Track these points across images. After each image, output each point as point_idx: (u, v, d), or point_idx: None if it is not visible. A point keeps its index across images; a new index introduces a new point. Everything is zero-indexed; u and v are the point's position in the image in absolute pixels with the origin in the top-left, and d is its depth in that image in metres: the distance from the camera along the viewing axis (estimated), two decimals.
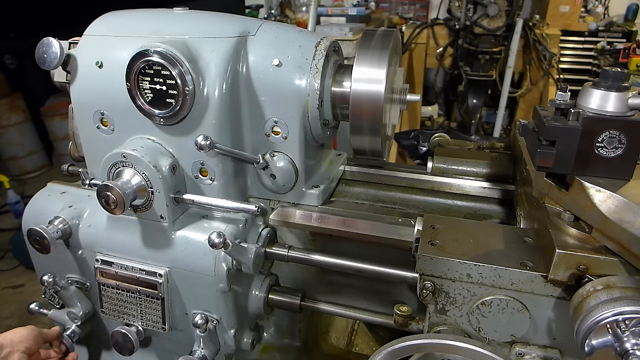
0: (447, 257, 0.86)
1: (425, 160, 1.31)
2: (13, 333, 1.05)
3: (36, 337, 1.08)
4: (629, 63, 3.09)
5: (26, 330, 1.07)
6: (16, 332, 1.06)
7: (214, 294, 1.04)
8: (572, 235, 0.81)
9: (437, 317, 0.92)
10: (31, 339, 1.06)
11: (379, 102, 1.00)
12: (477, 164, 1.27)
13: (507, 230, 0.96)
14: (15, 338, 1.04)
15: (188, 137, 1.01)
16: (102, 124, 1.05)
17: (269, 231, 1.14)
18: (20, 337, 1.05)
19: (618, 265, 0.75)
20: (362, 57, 1.01)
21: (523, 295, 0.84)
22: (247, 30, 1.02)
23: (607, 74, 0.77)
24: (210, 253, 1.00)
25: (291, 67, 1.00)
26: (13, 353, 1.01)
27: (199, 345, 1.07)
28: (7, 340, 1.03)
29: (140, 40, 0.97)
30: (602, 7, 4.29)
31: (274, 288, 1.22)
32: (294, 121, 1.03)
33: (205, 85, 0.96)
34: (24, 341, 1.04)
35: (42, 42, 0.99)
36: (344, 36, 3.10)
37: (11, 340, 1.03)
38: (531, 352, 0.88)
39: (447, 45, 4.19)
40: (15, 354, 1.01)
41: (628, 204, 0.72)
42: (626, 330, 0.68)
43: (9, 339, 1.03)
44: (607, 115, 0.76)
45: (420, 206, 1.24)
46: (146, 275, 1.05)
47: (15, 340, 1.04)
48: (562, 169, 0.81)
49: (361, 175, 1.34)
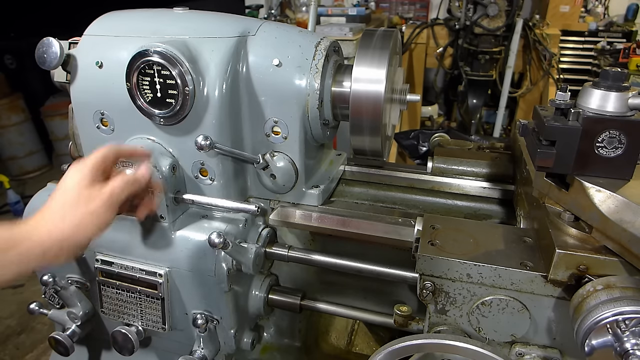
0: (447, 257, 0.86)
1: (425, 160, 1.31)
2: None
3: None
4: (629, 63, 3.09)
5: None
6: None
7: (214, 294, 1.04)
8: (572, 235, 0.81)
9: (437, 317, 0.92)
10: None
11: (379, 102, 1.00)
12: (477, 164, 1.27)
13: (507, 230, 0.96)
14: None
15: (188, 137, 1.01)
16: (102, 124, 1.05)
17: (269, 231, 1.14)
18: None
19: (618, 265, 0.75)
20: (362, 57, 1.01)
21: (523, 295, 0.84)
22: (247, 30, 1.02)
23: (607, 74, 0.77)
24: (210, 253, 1.00)
25: (291, 67, 1.00)
26: None
27: (199, 345, 1.07)
28: None
29: (140, 40, 0.97)
30: (602, 7, 4.28)
31: (274, 288, 1.22)
32: (294, 121, 1.03)
33: (205, 85, 0.96)
34: None
35: (42, 42, 0.99)
36: (344, 36, 3.10)
37: None
38: (531, 352, 0.88)
39: (447, 45, 4.18)
40: None
41: (628, 204, 0.72)
42: (626, 330, 0.68)
43: None
44: (607, 115, 0.76)
45: (420, 206, 1.24)
46: (146, 275, 1.05)
47: None
48: (562, 169, 0.81)
49: (361, 175, 1.34)
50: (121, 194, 0.84)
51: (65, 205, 0.78)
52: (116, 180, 0.84)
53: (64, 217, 0.76)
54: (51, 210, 0.78)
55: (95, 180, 0.82)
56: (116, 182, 0.84)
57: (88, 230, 0.78)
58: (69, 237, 0.76)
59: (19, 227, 0.75)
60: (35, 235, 0.74)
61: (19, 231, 0.74)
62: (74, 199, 0.78)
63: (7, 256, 0.70)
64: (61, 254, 0.76)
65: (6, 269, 0.71)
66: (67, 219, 0.76)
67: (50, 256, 0.75)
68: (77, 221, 0.77)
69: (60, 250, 0.76)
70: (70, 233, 0.76)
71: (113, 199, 0.82)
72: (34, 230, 0.75)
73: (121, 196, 0.84)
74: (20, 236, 0.74)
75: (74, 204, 0.78)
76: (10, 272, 0.71)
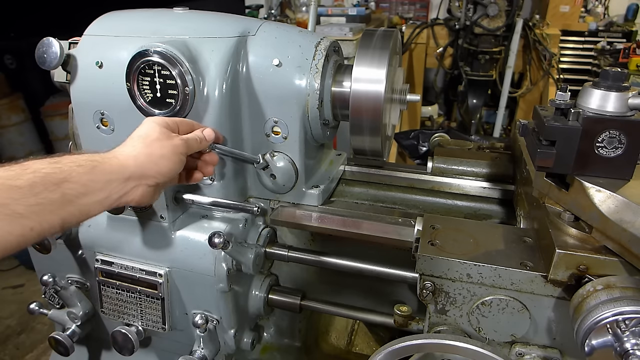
0: (447, 257, 0.86)
1: (425, 160, 1.31)
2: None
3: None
4: (629, 63, 3.09)
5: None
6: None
7: (214, 294, 1.04)
8: (572, 235, 0.81)
9: (437, 317, 0.92)
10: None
11: (379, 102, 1.00)
12: (477, 164, 1.27)
13: (507, 230, 0.96)
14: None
15: None
16: (102, 124, 1.05)
17: (269, 231, 1.14)
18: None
19: (618, 265, 0.75)
20: (362, 57, 1.01)
21: (523, 295, 0.84)
22: (247, 30, 1.02)
23: (607, 74, 0.77)
24: (210, 253, 1.00)
25: (291, 67, 1.00)
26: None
27: (199, 345, 1.07)
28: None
29: (140, 40, 0.97)
30: (602, 7, 4.28)
31: (274, 288, 1.22)
32: (294, 121, 1.03)
33: (205, 85, 0.96)
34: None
35: (42, 42, 0.99)
36: (344, 36, 3.10)
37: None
38: (531, 352, 0.88)
39: (447, 45, 4.18)
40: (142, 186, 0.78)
41: (628, 204, 0.72)
42: (626, 330, 0.68)
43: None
44: (607, 115, 0.76)
45: (420, 206, 1.24)
46: (146, 275, 1.05)
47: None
48: (562, 169, 0.81)
49: (361, 175, 1.34)
50: (193, 145, 0.85)
51: (147, 137, 0.78)
52: (189, 134, 0.87)
53: (148, 146, 0.76)
54: (133, 140, 0.77)
55: (170, 129, 0.83)
56: (190, 134, 0.86)
57: (170, 162, 0.78)
58: (152, 164, 0.76)
59: (101, 153, 0.74)
60: (121, 156, 0.74)
61: (104, 154, 0.73)
62: (156, 133, 0.79)
63: (93, 174, 0.68)
64: (142, 182, 0.75)
65: (91, 191, 0.68)
66: (151, 147, 0.77)
67: (132, 183, 0.74)
68: (161, 151, 0.77)
69: (141, 177, 0.75)
70: (154, 159, 0.76)
71: (188, 144, 0.83)
72: (120, 154, 0.74)
73: (193, 147, 0.85)
74: (106, 156, 0.72)
75: (156, 138, 0.78)
76: (95, 198, 0.69)
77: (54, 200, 0.63)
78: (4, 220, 0.58)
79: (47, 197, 0.62)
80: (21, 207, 0.59)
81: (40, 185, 0.62)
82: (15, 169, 0.62)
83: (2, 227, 0.58)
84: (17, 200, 0.59)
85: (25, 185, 0.61)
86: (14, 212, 0.59)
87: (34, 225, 0.61)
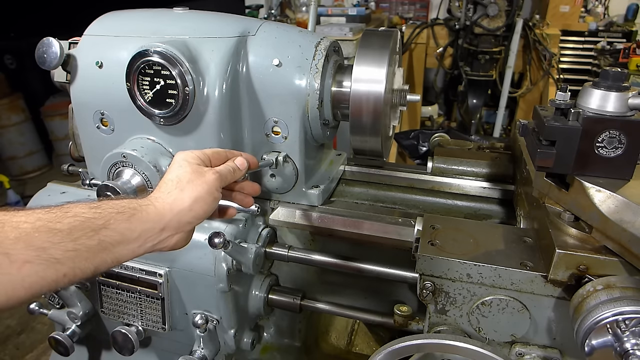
0: (447, 257, 0.86)
1: (425, 160, 1.31)
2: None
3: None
4: (629, 63, 3.09)
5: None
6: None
7: (214, 294, 1.04)
8: (572, 235, 0.81)
9: (437, 317, 0.92)
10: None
11: (379, 102, 1.00)
12: (477, 164, 1.27)
13: (507, 230, 0.96)
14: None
15: (188, 137, 1.01)
16: (102, 124, 1.05)
17: (269, 231, 1.14)
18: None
19: (618, 265, 0.75)
20: (362, 57, 1.01)
21: (523, 295, 0.84)
22: (247, 30, 1.02)
23: (607, 74, 0.77)
24: (210, 253, 1.00)
25: (291, 67, 1.00)
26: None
27: (199, 345, 1.06)
28: None
29: (140, 40, 0.97)
30: (602, 7, 4.28)
31: (274, 288, 1.22)
32: (294, 121, 1.03)
33: (205, 85, 0.96)
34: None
35: (42, 42, 0.99)
36: (344, 36, 3.10)
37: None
38: (531, 352, 0.88)
39: (447, 45, 4.18)
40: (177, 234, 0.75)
41: (628, 204, 0.72)
42: (626, 330, 0.68)
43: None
44: (607, 115, 0.76)
45: (420, 206, 1.24)
46: (146, 275, 1.05)
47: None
48: (562, 169, 0.81)
49: (361, 175, 1.34)
50: (227, 177, 0.82)
51: (181, 180, 0.75)
52: (222, 165, 0.83)
53: (183, 190, 0.74)
54: (167, 185, 0.75)
55: (202, 163, 0.81)
56: (222, 166, 0.83)
57: (205, 204, 0.76)
58: (188, 210, 0.73)
59: (139, 199, 0.72)
60: (158, 203, 0.72)
61: (142, 200, 0.71)
62: (189, 173, 0.76)
63: (130, 222, 0.67)
64: (179, 230, 0.73)
65: (127, 239, 0.67)
66: (185, 191, 0.74)
67: (167, 233, 0.72)
68: (195, 194, 0.75)
69: (178, 225, 0.73)
70: (189, 205, 0.74)
71: (222, 177, 0.80)
72: (156, 201, 0.72)
73: (227, 179, 0.82)
74: (143, 203, 0.71)
75: (189, 179, 0.76)
76: (130, 246, 0.67)
77: (90, 247, 0.62)
78: (41, 265, 0.56)
79: (84, 243, 0.61)
80: (59, 252, 0.58)
81: (79, 230, 0.61)
82: (56, 211, 0.61)
83: (38, 272, 0.56)
84: (55, 244, 0.58)
85: (65, 229, 0.60)
86: (51, 257, 0.57)
87: (67, 272, 0.60)
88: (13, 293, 0.55)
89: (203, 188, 0.76)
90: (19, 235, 0.56)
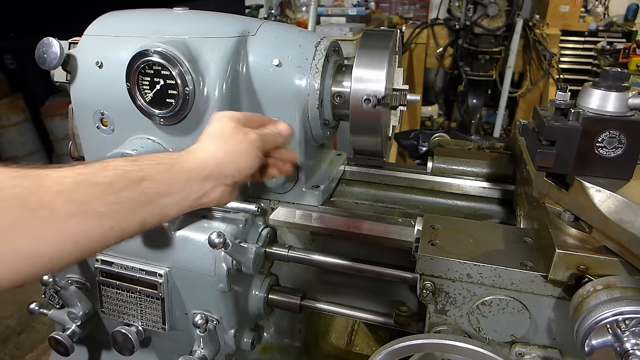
0: (447, 257, 0.86)
1: (425, 160, 1.31)
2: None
3: None
4: (629, 63, 3.09)
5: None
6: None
7: (214, 294, 1.04)
8: (572, 235, 0.81)
9: (437, 317, 0.92)
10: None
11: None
12: (477, 164, 1.27)
13: (507, 230, 0.96)
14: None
15: (188, 137, 1.01)
16: (102, 124, 1.05)
17: (269, 231, 1.14)
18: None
19: (618, 265, 0.75)
20: (362, 57, 1.01)
21: (523, 295, 0.84)
22: (247, 30, 1.02)
23: (607, 74, 0.77)
24: (210, 253, 1.00)
25: (291, 67, 1.00)
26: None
27: (199, 345, 1.06)
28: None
29: (140, 40, 0.97)
30: (602, 7, 4.28)
31: (274, 288, 1.22)
32: (294, 121, 1.03)
33: (205, 85, 0.96)
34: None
35: (42, 42, 0.99)
36: (344, 36, 3.11)
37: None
38: (531, 352, 0.88)
39: (447, 45, 4.18)
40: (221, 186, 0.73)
41: (628, 204, 0.72)
42: (626, 330, 0.68)
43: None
44: (607, 115, 0.76)
45: (420, 206, 1.24)
46: (146, 275, 1.05)
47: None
48: (562, 169, 0.81)
49: (361, 175, 1.34)
50: (269, 140, 0.80)
51: (224, 132, 0.73)
52: (264, 128, 0.81)
53: (226, 142, 0.72)
54: (209, 137, 0.73)
55: (241, 123, 0.78)
56: (264, 128, 0.81)
57: (247, 159, 0.73)
58: (231, 163, 0.71)
59: (179, 152, 0.70)
60: (200, 153, 0.70)
61: (182, 152, 0.69)
62: (230, 129, 0.74)
63: (173, 172, 0.65)
64: (221, 182, 0.71)
65: (171, 190, 0.64)
66: (228, 143, 0.72)
67: (210, 183, 0.70)
68: (239, 147, 0.72)
69: (220, 176, 0.70)
70: (233, 156, 0.71)
71: (264, 139, 0.78)
72: (198, 151, 0.70)
73: (269, 142, 0.80)
74: (184, 154, 0.69)
75: (231, 132, 0.74)
76: (174, 198, 0.65)
77: (133, 199, 0.60)
78: (84, 219, 0.55)
79: (126, 195, 0.59)
80: (101, 206, 0.56)
81: (120, 182, 0.59)
82: (96, 166, 0.60)
83: (82, 225, 0.55)
84: (97, 197, 0.56)
85: (106, 182, 0.58)
86: (94, 210, 0.56)
87: (113, 225, 0.58)
88: (61, 246, 0.54)
89: (246, 144, 0.74)
90: (60, 190, 0.55)
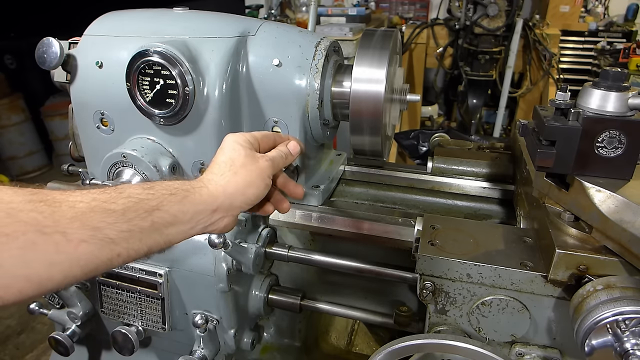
0: (447, 257, 0.86)
1: (425, 160, 1.31)
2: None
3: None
4: (629, 63, 3.09)
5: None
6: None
7: (214, 294, 1.04)
8: (572, 235, 0.81)
9: (437, 317, 0.92)
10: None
11: (379, 102, 1.00)
12: (477, 164, 1.27)
13: (507, 230, 0.96)
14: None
15: (188, 137, 1.01)
16: (102, 124, 1.05)
17: (269, 231, 1.14)
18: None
19: (618, 265, 0.75)
20: (362, 57, 1.01)
21: (523, 295, 0.84)
22: (247, 30, 1.02)
23: (607, 74, 0.77)
24: (210, 253, 1.00)
25: (291, 67, 1.00)
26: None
27: (199, 345, 1.06)
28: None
29: (140, 40, 0.97)
30: (602, 7, 4.28)
31: (274, 288, 1.22)
32: (294, 121, 1.03)
33: (205, 85, 0.96)
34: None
35: (42, 42, 0.99)
36: (344, 36, 3.10)
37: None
38: (531, 352, 0.88)
39: (447, 45, 4.18)
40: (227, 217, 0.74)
41: (628, 204, 0.72)
42: (626, 330, 0.68)
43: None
44: (607, 115, 0.76)
45: (420, 206, 1.24)
46: (146, 275, 1.05)
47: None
48: (562, 169, 0.81)
49: (361, 175, 1.34)
50: (280, 163, 0.81)
51: (234, 163, 0.74)
52: (273, 151, 0.82)
53: (236, 173, 0.73)
54: (220, 167, 0.74)
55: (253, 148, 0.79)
56: (273, 151, 0.82)
57: (257, 189, 0.75)
58: (241, 194, 0.73)
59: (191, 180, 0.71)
60: (211, 185, 0.71)
61: (194, 182, 0.71)
62: (242, 157, 0.75)
63: (183, 204, 0.66)
64: (230, 212, 0.73)
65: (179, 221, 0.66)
66: (239, 175, 0.73)
67: (218, 215, 0.71)
68: (249, 178, 0.74)
69: (229, 209, 0.72)
70: (242, 189, 0.73)
71: (274, 164, 0.79)
72: (209, 183, 0.72)
73: (279, 165, 0.81)
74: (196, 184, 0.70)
75: (243, 162, 0.75)
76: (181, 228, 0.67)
77: (143, 228, 0.62)
78: (96, 245, 0.56)
79: (138, 224, 0.61)
80: (113, 232, 0.58)
81: (133, 211, 0.61)
82: (111, 192, 0.61)
83: (93, 251, 0.56)
84: (110, 224, 0.58)
85: (119, 210, 0.60)
86: (106, 237, 0.57)
87: (121, 252, 0.60)
88: (70, 271, 0.55)
89: (256, 173, 0.75)
90: (75, 215, 0.56)
